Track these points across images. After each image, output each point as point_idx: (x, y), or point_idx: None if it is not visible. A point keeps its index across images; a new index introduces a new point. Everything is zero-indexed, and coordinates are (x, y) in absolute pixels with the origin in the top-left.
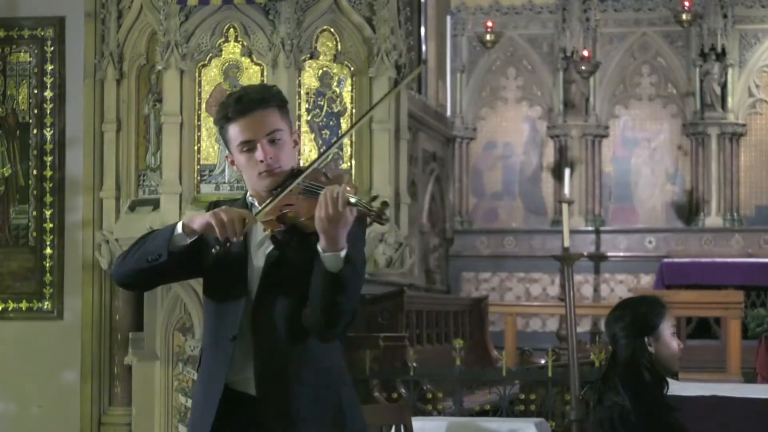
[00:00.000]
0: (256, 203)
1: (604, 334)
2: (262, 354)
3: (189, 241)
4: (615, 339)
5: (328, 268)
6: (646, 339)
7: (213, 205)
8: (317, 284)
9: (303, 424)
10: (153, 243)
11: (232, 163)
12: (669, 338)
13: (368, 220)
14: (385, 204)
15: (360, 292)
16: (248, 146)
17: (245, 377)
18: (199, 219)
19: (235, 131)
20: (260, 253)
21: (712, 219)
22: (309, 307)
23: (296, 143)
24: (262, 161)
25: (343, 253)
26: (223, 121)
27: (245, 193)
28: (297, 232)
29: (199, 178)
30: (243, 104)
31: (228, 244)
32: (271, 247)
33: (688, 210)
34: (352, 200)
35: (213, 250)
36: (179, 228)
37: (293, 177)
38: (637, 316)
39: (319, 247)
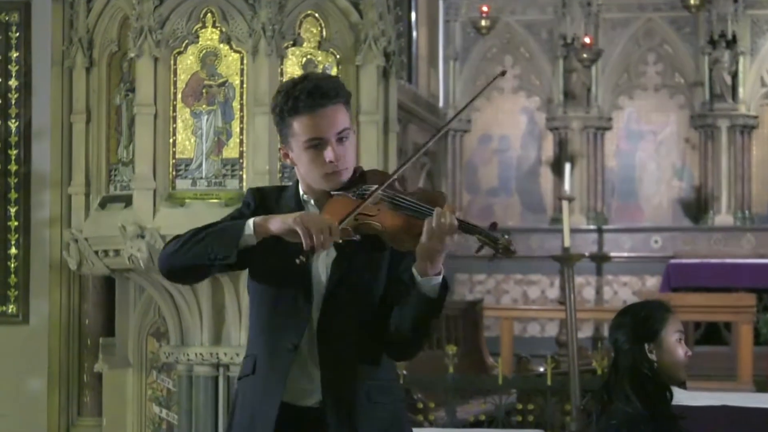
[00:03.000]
0: (312, 202)
1: (607, 339)
2: (329, 365)
3: (257, 242)
4: (616, 345)
5: (424, 292)
6: (647, 346)
7: (256, 192)
8: (411, 306)
9: None
10: (218, 241)
11: (286, 156)
12: (673, 345)
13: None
14: (508, 237)
15: None
16: (317, 144)
17: (301, 387)
18: (278, 222)
19: (302, 125)
20: (321, 260)
21: (722, 217)
22: (395, 325)
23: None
24: (331, 162)
25: (440, 278)
26: (289, 112)
27: (296, 185)
28: (366, 242)
29: (174, 173)
30: (316, 98)
31: (312, 255)
32: (335, 254)
33: (697, 207)
34: (472, 232)
35: (297, 260)
36: (250, 228)
37: (360, 179)
38: (637, 321)
39: (415, 270)
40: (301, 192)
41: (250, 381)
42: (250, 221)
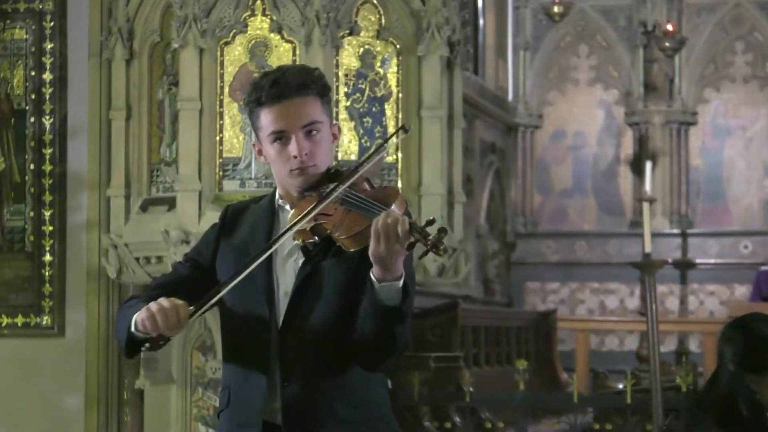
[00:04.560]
0: (288, 207)
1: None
2: (290, 382)
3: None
4: (721, 359)
5: (384, 301)
6: (750, 377)
7: (224, 211)
8: (369, 315)
9: None
10: (119, 330)
11: (260, 153)
12: None
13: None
14: (442, 231)
15: (410, 321)
16: (281, 137)
17: (273, 407)
18: (140, 314)
19: (267, 118)
20: (288, 265)
21: None
22: (357, 334)
23: (335, 138)
24: (295, 157)
25: (400, 284)
26: (254, 104)
27: (273, 191)
28: (332, 243)
29: (221, 173)
30: (279, 88)
31: (162, 343)
32: (302, 259)
33: None
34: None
35: (142, 348)
36: (133, 325)
37: (330, 178)
38: (750, 345)
39: (372, 276)
40: (277, 196)
41: (227, 415)
42: (136, 315)
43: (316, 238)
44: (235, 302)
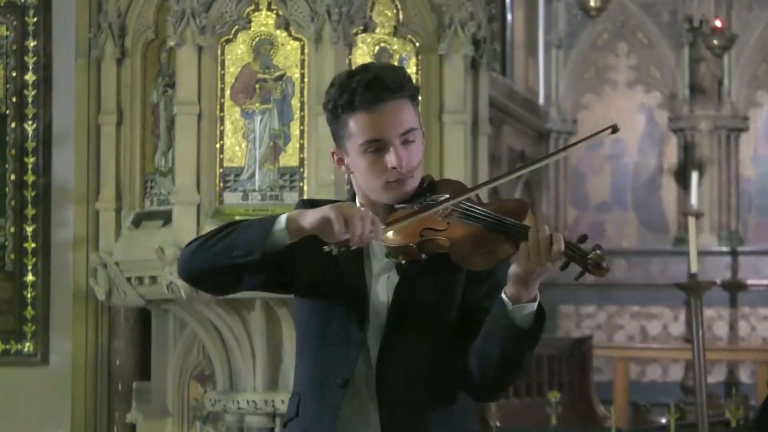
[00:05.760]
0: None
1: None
2: (391, 408)
3: (290, 242)
4: None
5: (516, 323)
6: None
7: (304, 206)
8: (498, 339)
9: None
10: (244, 235)
11: (341, 162)
12: None
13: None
14: (599, 248)
15: None
16: (376, 146)
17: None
18: (313, 214)
19: (359, 125)
20: (380, 284)
21: None
22: (477, 361)
23: (423, 144)
24: (394, 168)
25: (535, 306)
26: (344, 108)
27: (352, 198)
28: (435, 263)
29: (221, 184)
30: (376, 91)
31: (344, 249)
32: (397, 279)
33: None
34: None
35: (326, 248)
36: (282, 222)
37: (428, 190)
38: None
39: (505, 296)
40: (358, 204)
41: (294, 426)
42: (284, 215)
43: (424, 255)
44: (319, 305)
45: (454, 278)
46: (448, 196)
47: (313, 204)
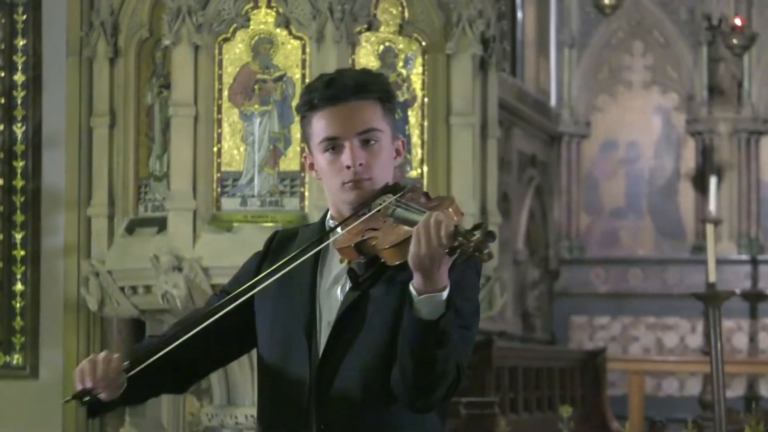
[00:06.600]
0: (340, 229)
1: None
2: (328, 429)
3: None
4: None
5: (422, 315)
6: None
7: (270, 238)
8: (408, 336)
9: None
10: None
11: (311, 167)
12: None
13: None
14: (489, 235)
15: (470, 348)
16: (333, 145)
17: None
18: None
19: (319, 123)
20: (334, 293)
21: None
22: (397, 367)
23: (398, 153)
24: (348, 167)
25: (444, 295)
26: (306, 107)
27: (324, 213)
28: (383, 266)
29: (219, 189)
30: (335, 89)
31: (85, 398)
32: (349, 285)
33: None
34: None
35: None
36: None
37: (389, 192)
38: None
39: (412, 288)
40: (328, 217)
41: None
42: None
43: (362, 257)
44: (274, 333)
45: (406, 287)
46: (389, 196)
47: (276, 235)
